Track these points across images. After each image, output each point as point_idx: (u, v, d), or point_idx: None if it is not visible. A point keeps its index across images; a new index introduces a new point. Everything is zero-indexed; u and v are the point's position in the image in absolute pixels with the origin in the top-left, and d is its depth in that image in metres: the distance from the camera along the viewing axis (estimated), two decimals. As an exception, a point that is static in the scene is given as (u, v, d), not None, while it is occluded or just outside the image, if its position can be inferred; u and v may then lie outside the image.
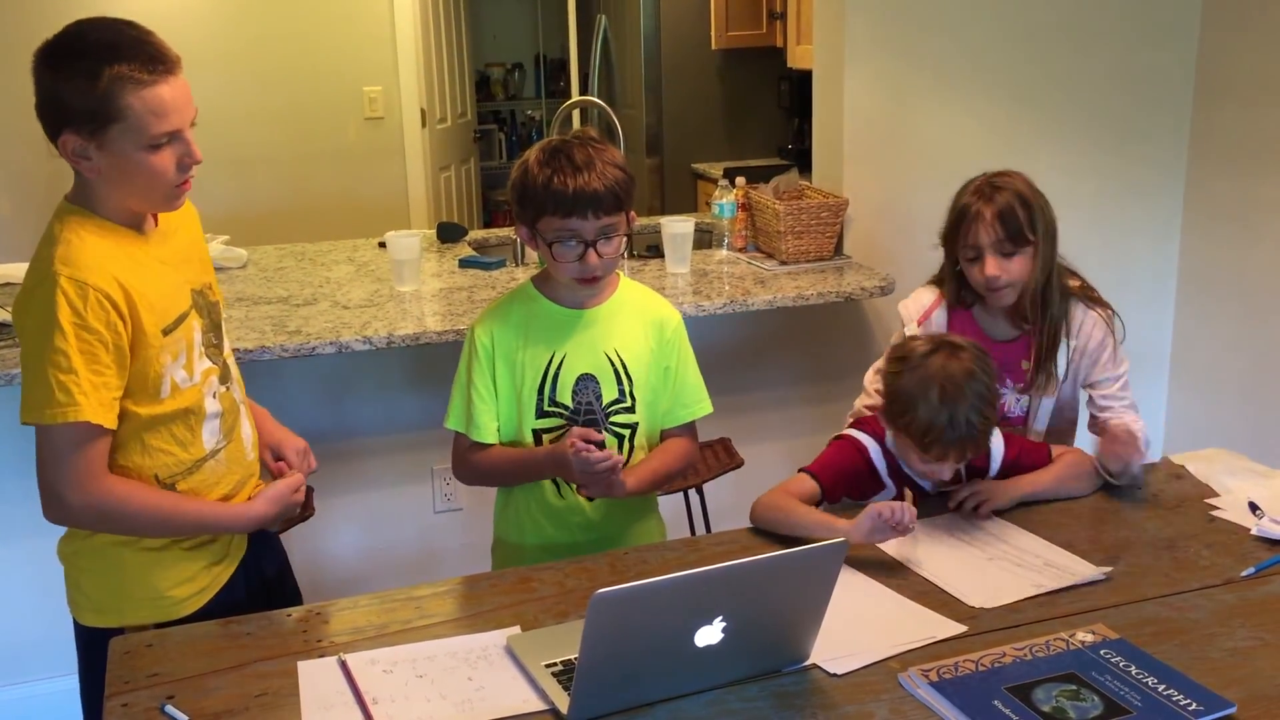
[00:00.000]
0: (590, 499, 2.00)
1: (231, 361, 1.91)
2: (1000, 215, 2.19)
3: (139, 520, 1.73)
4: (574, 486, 1.99)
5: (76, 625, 1.84)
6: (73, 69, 1.59)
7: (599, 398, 1.99)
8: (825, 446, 2.10)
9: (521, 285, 2.06)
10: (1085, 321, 2.25)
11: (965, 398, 1.87)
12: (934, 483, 2.06)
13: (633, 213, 1.96)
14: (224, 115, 5.05)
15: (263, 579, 1.96)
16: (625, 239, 1.95)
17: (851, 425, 2.12)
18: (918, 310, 2.32)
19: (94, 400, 1.62)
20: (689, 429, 2.09)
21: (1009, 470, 2.09)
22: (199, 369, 1.78)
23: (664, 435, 2.08)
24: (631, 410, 2.01)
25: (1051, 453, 2.11)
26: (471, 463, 2.02)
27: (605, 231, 1.89)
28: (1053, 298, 2.23)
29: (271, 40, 5.34)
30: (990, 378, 1.92)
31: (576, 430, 1.92)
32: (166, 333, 1.71)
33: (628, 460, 2.01)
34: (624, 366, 1.99)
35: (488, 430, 1.99)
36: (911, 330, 2.26)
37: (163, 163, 1.66)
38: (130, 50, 1.61)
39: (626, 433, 2.01)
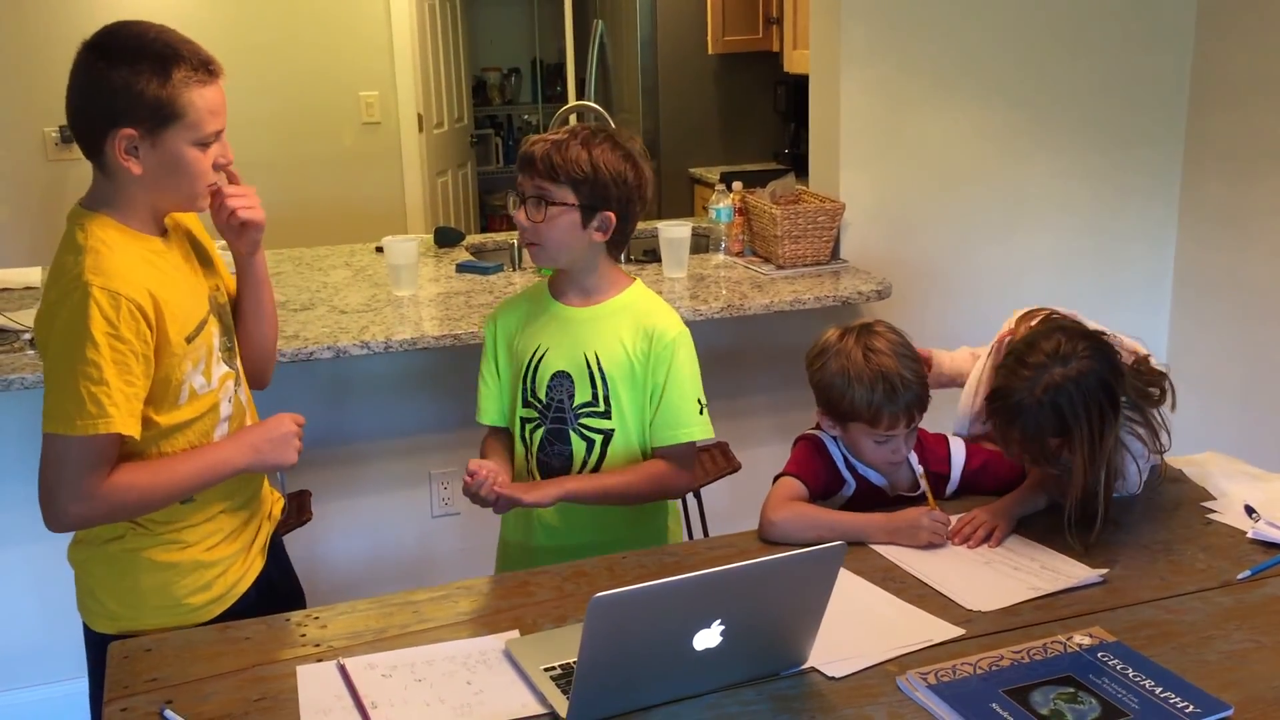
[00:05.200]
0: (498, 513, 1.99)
1: (242, 370, 1.92)
2: (1024, 440, 1.91)
3: (145, 506, 1.73)
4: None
5: (87, 631, 1.84)
6: (141, 66, 1.63)
7: (571, 398, 2.00)
8: (792, 448, 2.11)
9: (539, 282, 2.12)
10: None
11: (891, 360, 1.94)
12: (891, 483, 2.07)
13: (609, 214, 1.93)
14: (221, 120, 5.06)
15: (270, 583, 1.96)
16: (558, 213, 1.92)
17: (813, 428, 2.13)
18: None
19: (124, 411, 1.63)
20: (674, 452, 2.01)
21: (974, 479, 2.10)
22: (216, 374, 1.79)
23: (654, 455, 2.04)
24: (606, 416, 2.00)
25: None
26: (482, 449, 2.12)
27: (538, 194, 1.93)
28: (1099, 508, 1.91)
29: (268, 46, 5.34)
30: (905, 336, 2.01)
31: (471, 462, 1.94)
32: (189, 340, 1.72)
33: (598, 467, 2.01)
34: (600, 370, 1.99)
35: (485, 412, 2.10)
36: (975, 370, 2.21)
37: (206, 161, 1.71)
38: (188, 52, 1.67)
39: (599, 438, 2.01)
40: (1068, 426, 1.85)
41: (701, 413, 2.01)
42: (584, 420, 2.00)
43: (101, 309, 1.59)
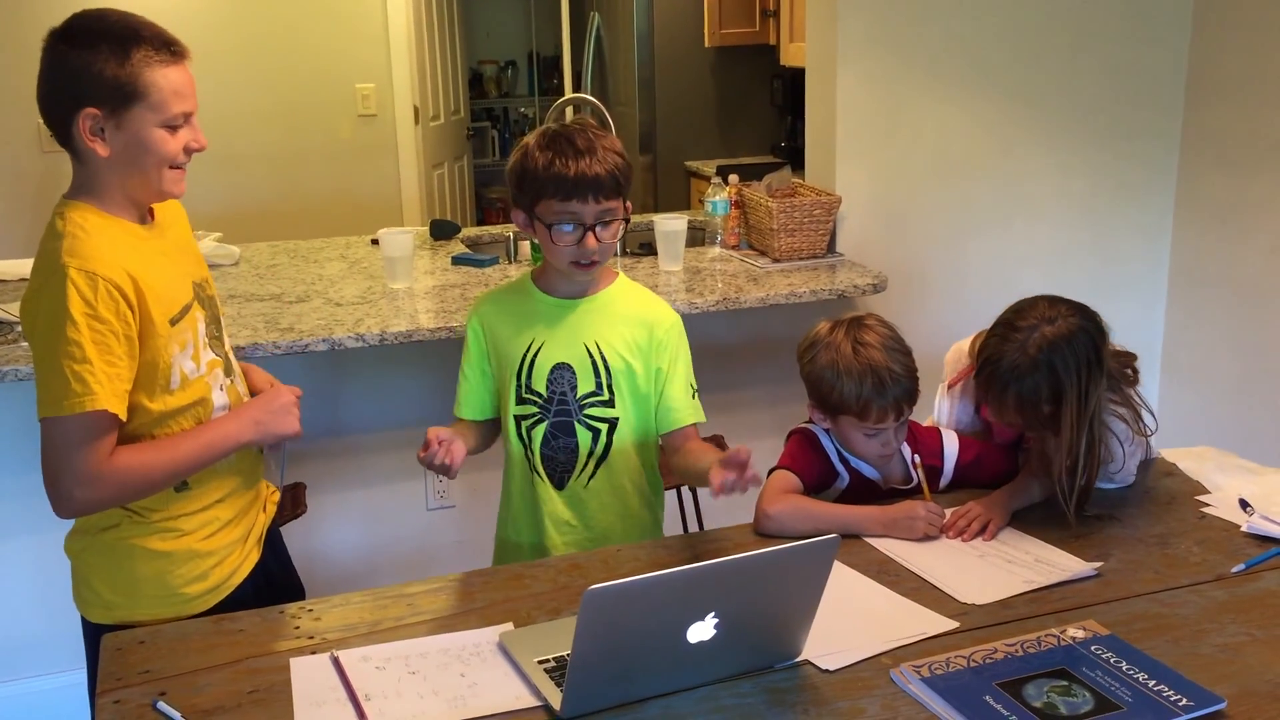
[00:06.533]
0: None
1: (232, 356, 1.92)
2: (1019, 405, 1.94)
3: (150, 485, 1.74)
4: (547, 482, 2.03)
5: (84, 622, 1.84)
6: (100, 47, 1.64)
7: (574, 388, 2.00)
8: (785, 443, 2.11)
9: (521, 276, 2.10)
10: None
11: (880, 354, 1.94)
12: (884, 476, 2.07)
13: (629, 203, 1.97)
14: (217, 112, 5.05)
15: (267, 575, 1.97)
16: (623, 225, 1.96)
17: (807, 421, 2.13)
18: (952, 371, 2.23)
19: (109, 390, 1.63)
20: (696, 431, 2.05)
21: (968, 472, 2.10)
22: (205, 360, 1.80)
23: (669, 438, 2.04)
24: (610, 405, 2.01)
25: (1018, 457, 2.11)
26: None
27: (604, 216, 1.90)
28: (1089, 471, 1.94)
29: (264, 37, 5.33)
30: (896, 330, 2.01)
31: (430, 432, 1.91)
32: (173, 323, 1.73)
33: (605, 457, 2.01)
34: (603, 359, 1.99)
35: (462, 406, 2.08)
36: (941, 390, 2.24)
37: (175, 144, 1.71)
38: (150, 33, 1.68)
39: (604, 427, 2.01)
40: (1060, 384, 1.88)
41: (694, 398, 2.06)
42: (589, 411, 2.00)
43: (79, 290, 1.61)
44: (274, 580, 1.99)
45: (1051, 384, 1.89)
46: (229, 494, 1.86)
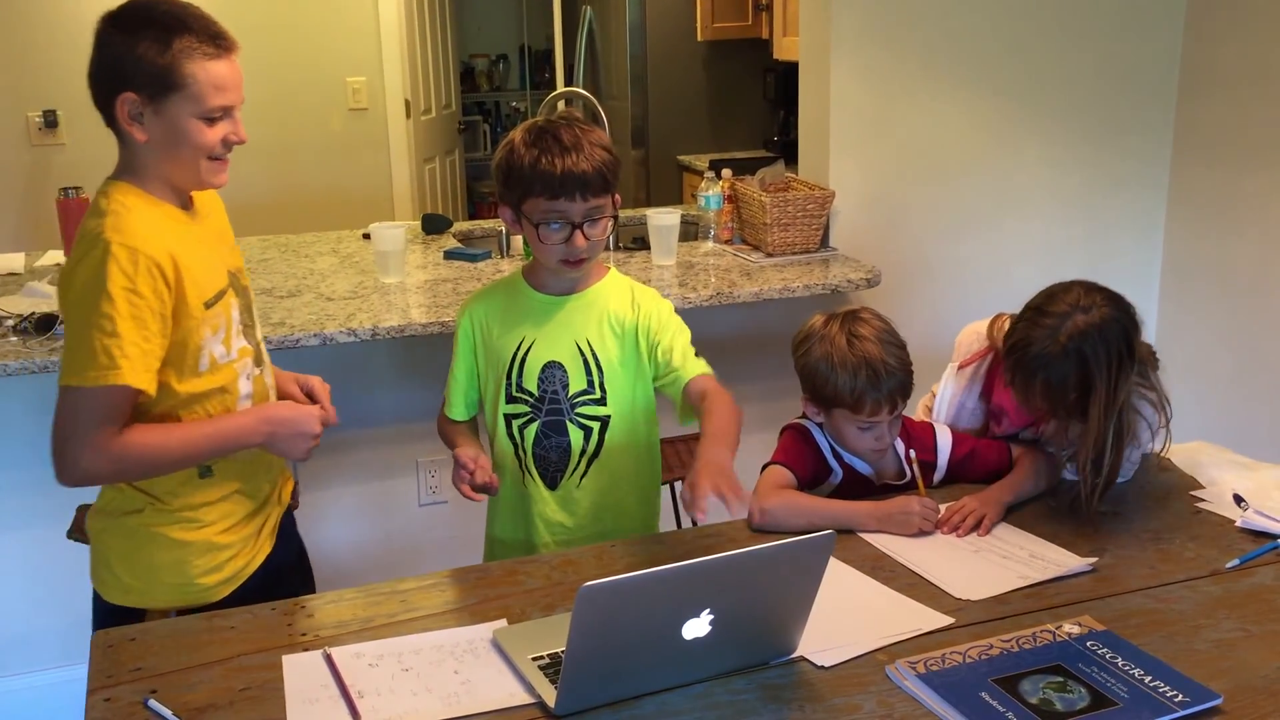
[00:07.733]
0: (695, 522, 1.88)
1: (263, 346, 1.93)
2: (1046, 393, 1.90)
3: (154, 467, 1.75)
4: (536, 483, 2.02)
5: (98, 601, 1.85)
6: (143, 34, 1.66)
7: (565, 387, 1.98)
8: (778, 438, 2.11)
9: (511, 273, 2.08)
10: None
11: (875, 346, 1.93)
12: (878, 472, 2.06)
13: (618, 195, 1.95)
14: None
15: (277, 567, 1.96)
16: (612, 221, 1.94)
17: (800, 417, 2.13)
18: (965, 352, 2.21)
19: (138, 365, 1.64)
20: (709, 378, 1.96)
21: (961, 467, 2.10)
22: (235, 346, 1.81)
23: (687, 400, 1.95)
24: (602, 403, 1.99)
25: (1011, 451, 2.10)
26: (440, 430, 2.13)
27: (592, 214, 1.88)
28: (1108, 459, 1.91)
29: (255, 31, 5.28)
30: (889, 323, 2.00)
31: (465, 455, 1.94)
32: (208, 306, 1.74)
33: (597, 454, 2.00)
34: (594, 357, 1.97)
35: (454, 407, 2.07)
36: (950, 370, 2.22)
37: (212, 136, 1.72)
38: (198, 25, 1.70)
39: (595, 425, 1.99)
40: (1090, 375, 1.86)
41: (697, 357, 2.00)
42: (581, 409, 1.99)
43: (120, 264, 1.63)
44: (283, 572, 1.99)
45: (1080, 374, 1.86)
46: (250, 483, 1.87)
